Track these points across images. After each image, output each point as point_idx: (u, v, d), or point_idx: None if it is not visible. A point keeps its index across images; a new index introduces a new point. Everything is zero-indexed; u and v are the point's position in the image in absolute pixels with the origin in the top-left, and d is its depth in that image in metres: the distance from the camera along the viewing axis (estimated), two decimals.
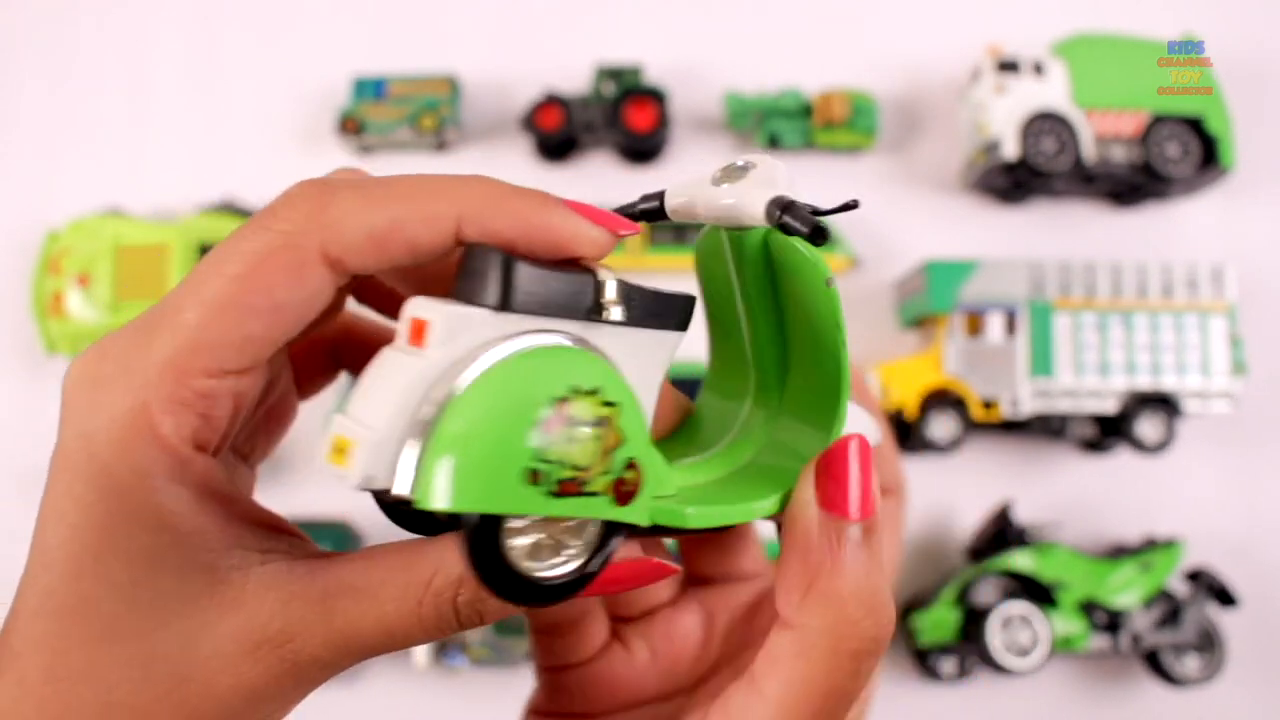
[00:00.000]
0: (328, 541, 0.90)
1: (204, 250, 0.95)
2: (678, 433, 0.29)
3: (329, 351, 0.29)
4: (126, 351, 0.20)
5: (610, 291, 0.22)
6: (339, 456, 0.20)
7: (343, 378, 0.31)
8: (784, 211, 0.23)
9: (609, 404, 0.21)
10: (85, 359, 0.21)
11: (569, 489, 0.21)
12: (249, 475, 0.28)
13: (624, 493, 0.22)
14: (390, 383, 0.21)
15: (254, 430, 0.28)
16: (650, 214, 0.26)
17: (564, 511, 0.21)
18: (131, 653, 0.20)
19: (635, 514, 0.22)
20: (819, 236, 0.23)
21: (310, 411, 0.32)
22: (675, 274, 0.95)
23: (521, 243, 0.22)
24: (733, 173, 0.25)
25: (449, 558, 0.21)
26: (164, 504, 0.20)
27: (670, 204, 0.26)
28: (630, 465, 0.22)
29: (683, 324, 0.24)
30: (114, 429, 0.20)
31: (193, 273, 0.21)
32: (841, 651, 0.23)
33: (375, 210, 0.21)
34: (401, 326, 0.21)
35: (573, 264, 0.22)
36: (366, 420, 0.20)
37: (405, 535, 0.24)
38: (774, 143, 1.00)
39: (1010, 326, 0.93)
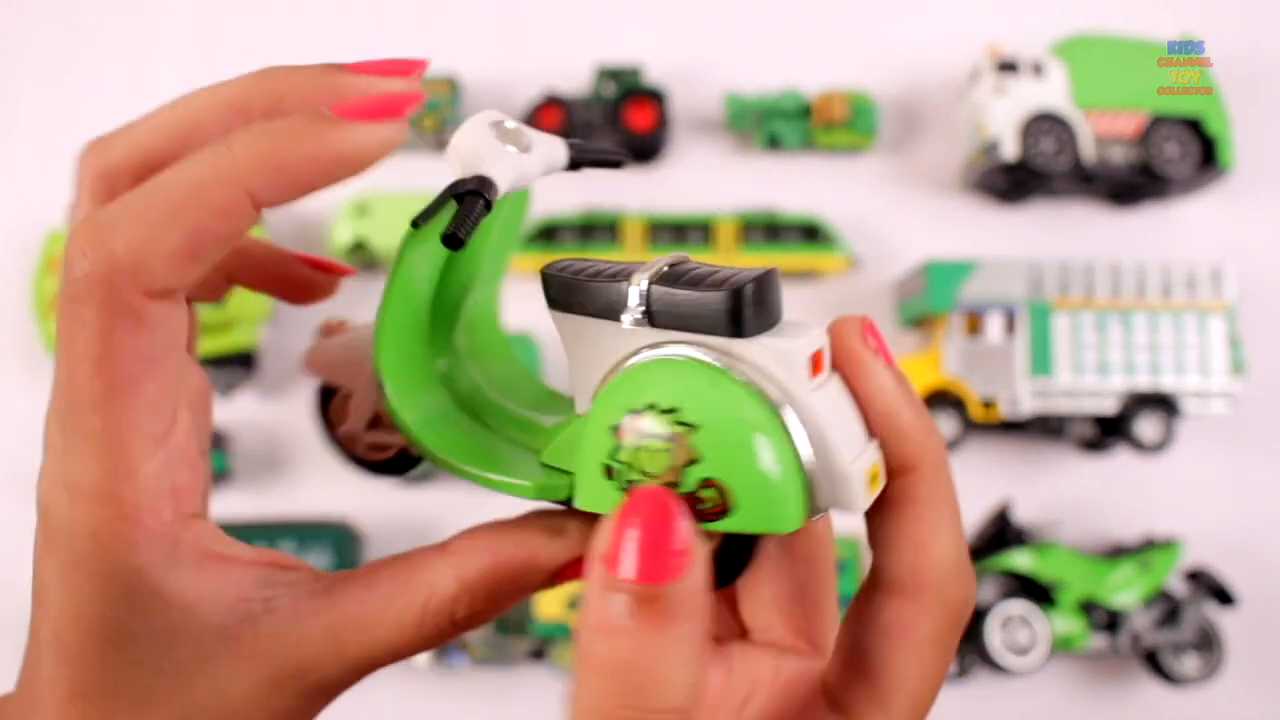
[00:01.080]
0: (328, 541, 0.90)
1: None
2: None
3: (225, 274, 0.29)
4: (87, 460, 0.21)
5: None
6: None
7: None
8: (584, 150, 0.27)
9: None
10: (51, 465, 0.22)
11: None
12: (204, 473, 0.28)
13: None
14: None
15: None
16: (487, 206, 0.24)
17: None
18: (170, 712, 0.22)
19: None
20: (624, 162, 0.27)
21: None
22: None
23: (324, 180, 0.21)
24: (518, 134, 0.25)
25: (440, 579, 0.23)
26: (167, 588, 0.21)
27: (504, 187, 0.24)
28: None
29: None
30: (99, 542, 0.21)
31: (57, 392, 0.21)
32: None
33: (163, 231, 0.20)
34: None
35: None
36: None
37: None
38: (774, 143, 1.00)
39: (1009, 326, 0.93)
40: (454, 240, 0.22)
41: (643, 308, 0.23)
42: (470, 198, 0.23)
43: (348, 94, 0.22)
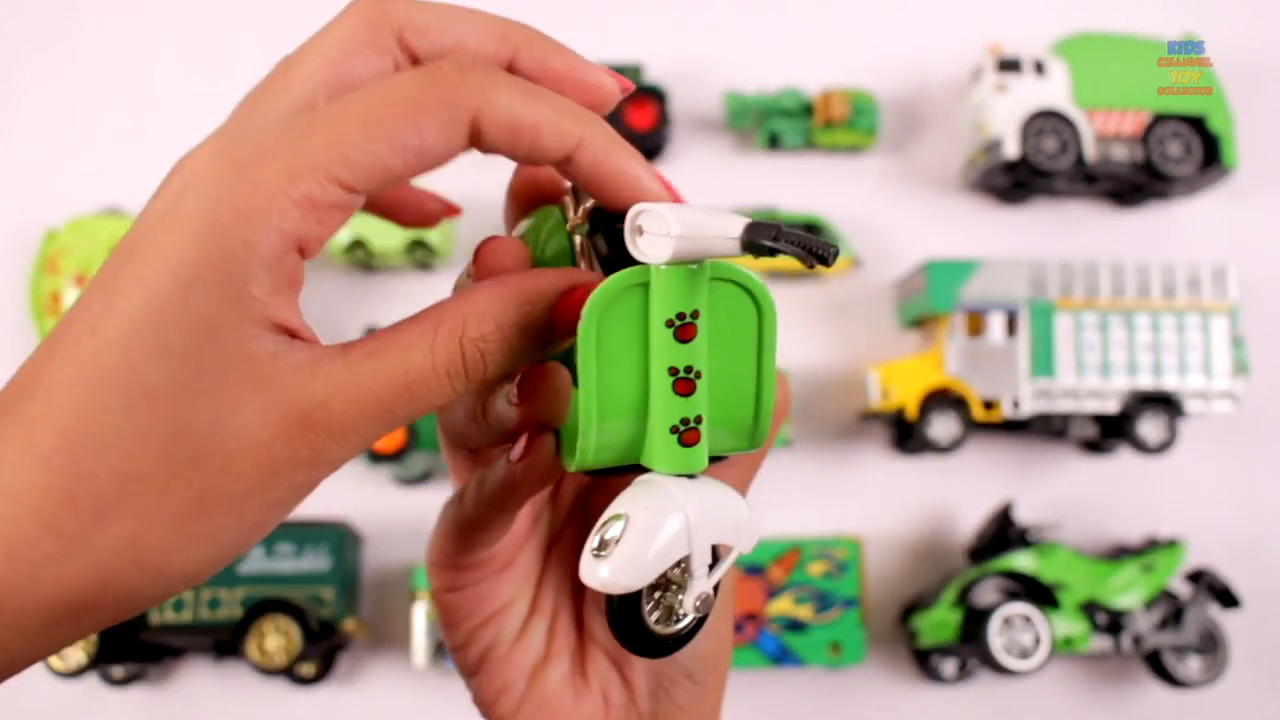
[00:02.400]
0: (328, 541, 0.90)
1: None
2: None
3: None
4: (275, 141, 0.21)
5: None
6: None
7: None
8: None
9: None
10: (223, 141, 0.22)
11: None
12: None
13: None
14: None
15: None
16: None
17: None
18: (158, 423, 0.20)
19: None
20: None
21: None
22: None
23: (611, 186, 0.24)
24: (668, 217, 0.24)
25: (451, 306, 0.23)
26: (247, 284, 0.21)
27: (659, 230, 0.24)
28: None
29: None
30: (243, 201, 0.21)
31: (356, 97, 0.22)
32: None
33: (528, 105, 0.23)
34: None
35: None
36: None
37: None
38: (774, 142, 1.00)
39: (1011, 326, 0.93)
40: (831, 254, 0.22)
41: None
42: (785, 232, 0.21)
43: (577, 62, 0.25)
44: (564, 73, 0.25)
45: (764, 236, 0.21)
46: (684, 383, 0.23)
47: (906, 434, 0.94)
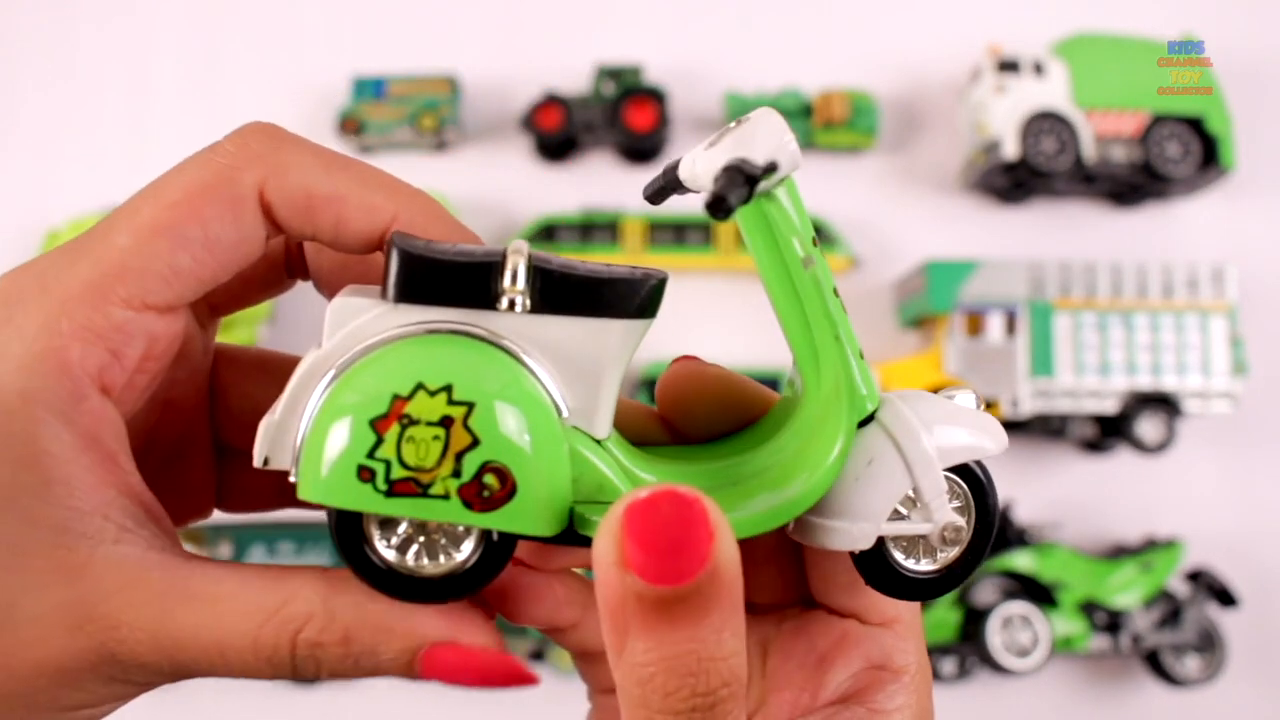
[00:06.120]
0: (328, 541, 0.90)
1: None
2: (735, 437, 0.27)
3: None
4: (47, 271, 0.19)
5: (511, 278, 0.21)
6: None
7: None
8: (720, 180, 0.21)
9: (458, 403, 0.20)
10: (5, 277, 0.20)
11: (404, 489, 0.20)
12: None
13: (483, 499, 0.20)
14: (294, 373, 0.21)
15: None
16: (669, 187, 0.25)
17: (401, 511, 0.20)
18: None
19: (518, 522, 0.21)
20: (714, 208, 0.21)
21: None
22: (676, 273, 0.95)
23: None
24: (724, 133, 0.23)
25: (305, 591, 0.20)
26: (42, 441, 0.18)
27: (681, 173, 0.24)
28: (490, 469, 0.20)
29: (639, 310, 0.22)
30: (17, 348, 0.18)
31: (132, 199, 0.20)
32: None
33: (323, 175, 0.20)
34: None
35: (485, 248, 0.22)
36: (275, 407, 0.21)
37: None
38: None
39: (1010, 326, 0.93)
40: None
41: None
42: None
43: None
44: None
45: None
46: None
47: None
